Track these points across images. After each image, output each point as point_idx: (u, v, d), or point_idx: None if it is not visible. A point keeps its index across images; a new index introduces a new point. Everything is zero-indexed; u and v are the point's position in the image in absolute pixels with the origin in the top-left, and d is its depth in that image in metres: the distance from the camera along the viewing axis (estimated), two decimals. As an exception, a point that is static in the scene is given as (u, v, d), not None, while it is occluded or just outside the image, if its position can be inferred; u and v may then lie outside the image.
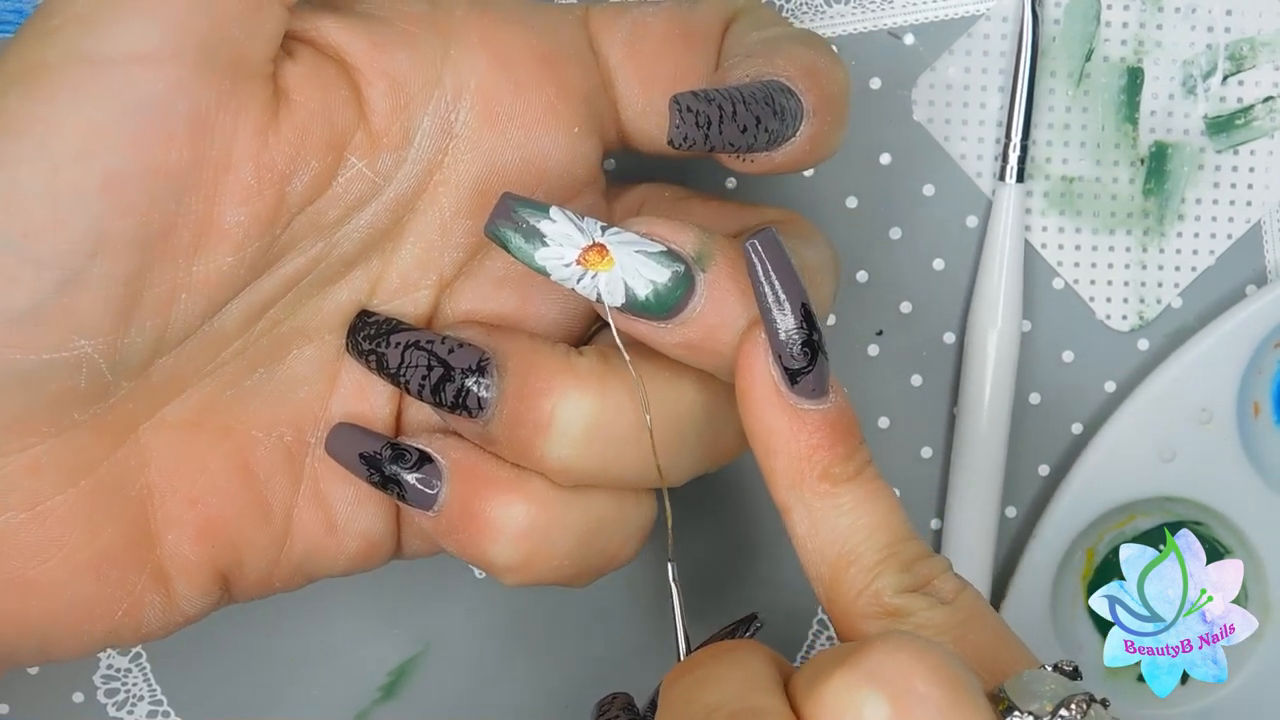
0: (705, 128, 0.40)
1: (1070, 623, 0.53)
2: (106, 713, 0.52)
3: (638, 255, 0.41)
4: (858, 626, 0.40)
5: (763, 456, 0.41)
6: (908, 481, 0.53)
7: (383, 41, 0.42)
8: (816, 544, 0.41)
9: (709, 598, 0.53)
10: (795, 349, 0.40)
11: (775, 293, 0.40)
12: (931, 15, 0.51)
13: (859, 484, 0.40)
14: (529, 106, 0.43)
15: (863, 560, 0.40)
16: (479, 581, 0.52)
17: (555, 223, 0.41)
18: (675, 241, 0.41)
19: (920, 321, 0.52)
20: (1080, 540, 0.52)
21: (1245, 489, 0.52)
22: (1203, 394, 0.51)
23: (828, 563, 0.40)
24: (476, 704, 0.53)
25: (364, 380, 0.44)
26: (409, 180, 0.42)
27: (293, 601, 0.52)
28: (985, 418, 0.51)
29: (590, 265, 0.41)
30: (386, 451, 0.43)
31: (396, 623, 0.52)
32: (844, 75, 0.43)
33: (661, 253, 0.41)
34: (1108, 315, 0.52)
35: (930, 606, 0.40)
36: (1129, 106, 0.52)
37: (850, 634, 0.40)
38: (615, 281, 0.41)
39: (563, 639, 0.53)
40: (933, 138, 0.51)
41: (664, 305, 0.41)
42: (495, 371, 0.42)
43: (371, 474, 0.43)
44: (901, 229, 0.52)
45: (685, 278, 0.41)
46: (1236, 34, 0.51)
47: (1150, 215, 0.52)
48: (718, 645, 0.41)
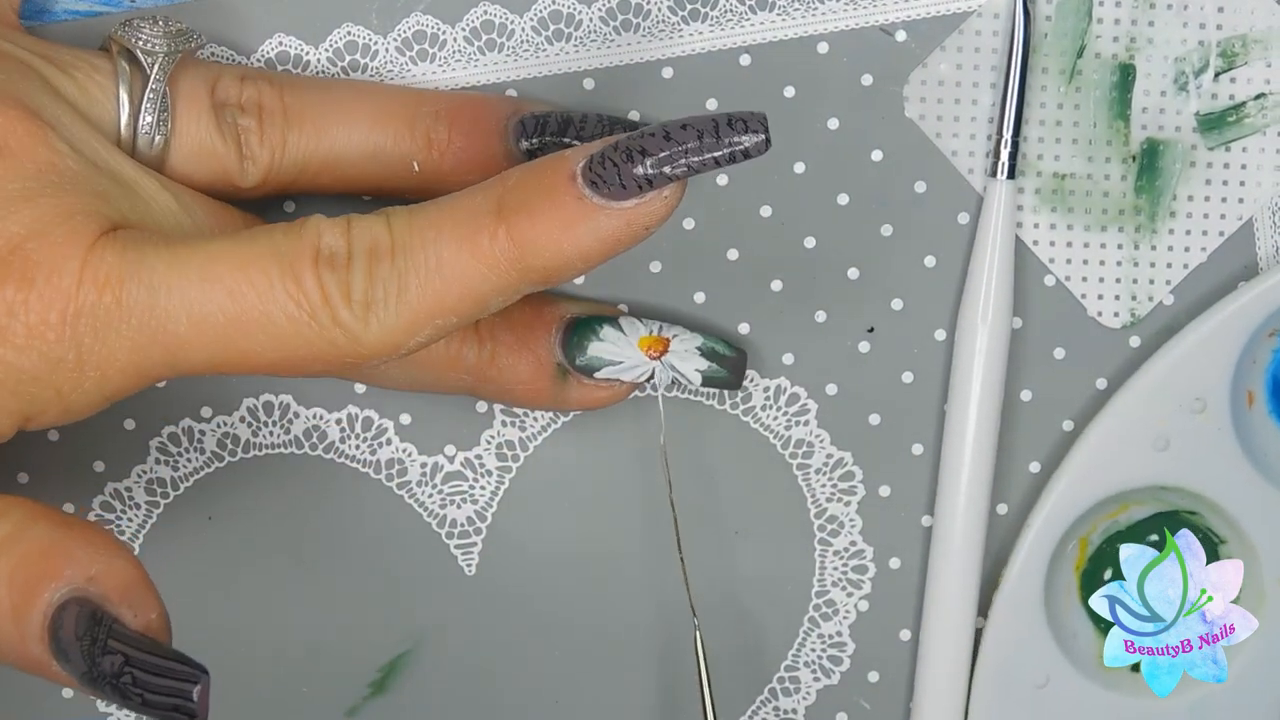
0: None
1: (1064, 612, 0.53)
2: (96, 707, 0.52)
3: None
4: None
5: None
6: (899, 478, 0.53)
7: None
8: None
9: (701, 589, 0.53)
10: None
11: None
12: (923, 11, 0.51)
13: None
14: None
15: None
16: (470, 577, 0.52)
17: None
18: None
19: (912, 318, 0.52)
20: (1074, 530, 0.52)
21: (1239, 478, 0.52)
22: (1196, 383, 0.51)
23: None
24: (467, 699, 0.53)
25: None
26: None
27: (284, 597, 0.52)
28: (974, 414, 0.51)
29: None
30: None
31: (387, 619, 0.52)
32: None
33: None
34: (1099, 312, 0.52)
35: None
36: (1120, 103, 0.51)
37: None
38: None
39: (554, 634, 0.53)
40: (924, 134, 0.51)
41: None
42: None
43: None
44: (893, 226, 0.52)
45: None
46: (1228, 31, 0.51)
47: (1142, 212, 0.52)
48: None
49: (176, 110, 0.46)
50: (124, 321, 0.41)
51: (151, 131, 0.45)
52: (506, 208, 0.42)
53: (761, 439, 0.52)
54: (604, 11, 0.51)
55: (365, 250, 0.41)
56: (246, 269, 0.41)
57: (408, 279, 0.41)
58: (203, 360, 0.42)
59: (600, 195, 0.41)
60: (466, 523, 0.52)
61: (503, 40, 0.50)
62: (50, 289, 0.41)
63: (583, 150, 0.42)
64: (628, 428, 0.52)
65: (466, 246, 0.41)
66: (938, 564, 0.52)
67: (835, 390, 0.52)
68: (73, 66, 0.45)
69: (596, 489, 0.52)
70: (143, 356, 0.41)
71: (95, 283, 0.41)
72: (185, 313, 0.41)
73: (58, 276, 0.41)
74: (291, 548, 0.52)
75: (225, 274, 0.41)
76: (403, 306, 0.41)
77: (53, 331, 0.41)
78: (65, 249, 0.41)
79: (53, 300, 0.41)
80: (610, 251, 0.42)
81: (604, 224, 0.41)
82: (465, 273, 0.41)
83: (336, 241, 0.42)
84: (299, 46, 0.50)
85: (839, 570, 0.53)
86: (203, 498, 0.52)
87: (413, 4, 0.50)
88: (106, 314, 0.41)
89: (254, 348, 0.42)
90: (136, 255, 0.41)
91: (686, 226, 0.51)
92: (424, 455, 0.52)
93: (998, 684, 0.52)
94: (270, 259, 0.41)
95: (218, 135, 0.46)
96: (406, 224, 0.42)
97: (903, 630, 0.53)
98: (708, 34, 0.51)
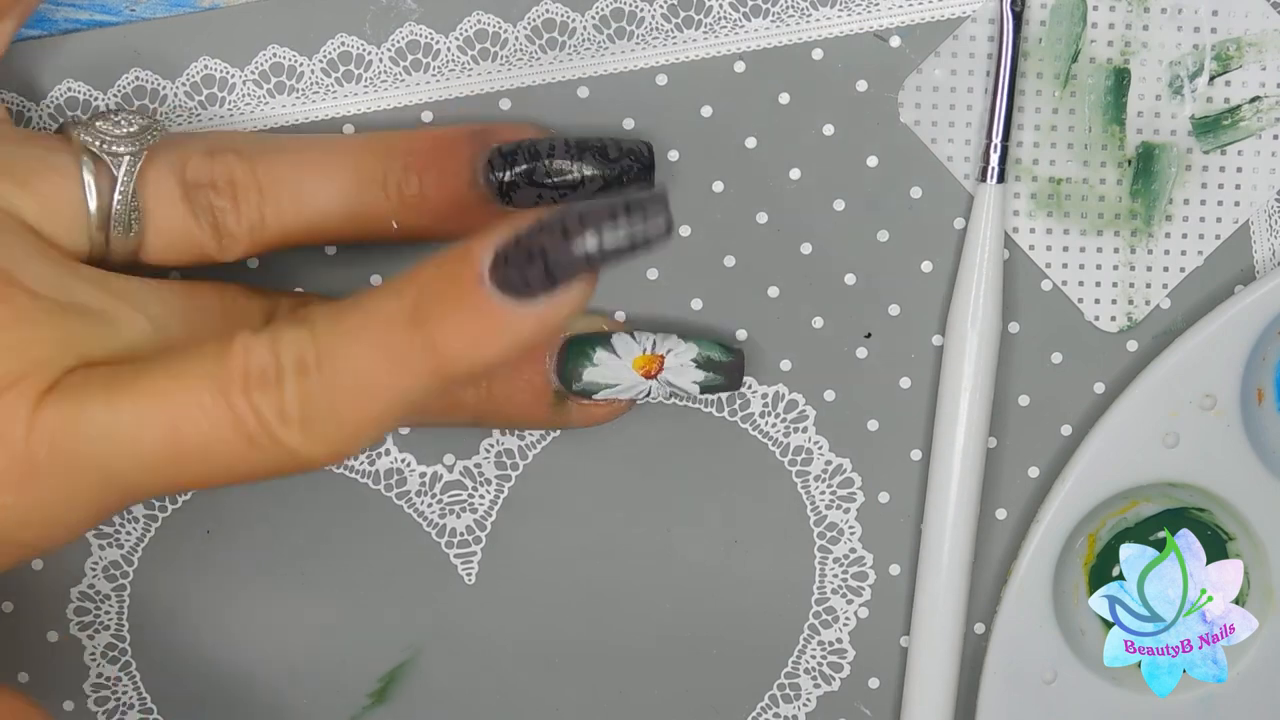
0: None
1: (1072, 608, 0.53)
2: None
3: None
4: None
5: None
6: (898, 484, 0.53)
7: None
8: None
9: (701, 597, 0.53)
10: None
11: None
12: (918, 17, 0.51)
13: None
14: None
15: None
16: (469, 587, 0.52)
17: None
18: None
19: (908, 324, 0.52)
20: (1083, 525, 0.52)
21: (1248, 475, 0.52)
22: (1206, 380, 0.51)
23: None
24: (467, 709, 0.53)
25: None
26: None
27: (283, 608, 0.52)
28: (964, 419, 0.51)
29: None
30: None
31: (387, 629, 0.52)
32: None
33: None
34: (1096, 316, 0.52)
35: None
36: (1116, 108, 0.51)
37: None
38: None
39: (554, 643, 0.53)
40: (920, 140, 0.51)
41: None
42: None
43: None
44: (889, 231, 0.52)
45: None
46: (1223, 34, 0.51)
47: (1138, 216, 0.52)
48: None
49: (146, 205, 0.45)
50: (75, 471, 0.42)
51: (124, 231, 0.45)
52: (420, 314, 0.40)
53: (760, 445, 0.52)
54: (597, 19, 0.51)
55: (293, 366, 0.41)
56: (180, 404, 0.41)
57: (336, 393, 0.41)
58: (157, 489, 0.42)
59: (510, 298, 0.40)
60: (466, 532, 0.52)
61: (496, 49, 0.50)
62: (2, 451, 0.41)
63: (485, 244, 0.40)
64: (627, 436, 0.52)
65: (386, 357, 0.41)
66: (927, 570, 0.52)
67: (833, 396, 0.52)
68: (34, 175, 0.45)
69: (596, 497, 0.52)
70: (101, 495, 0.42)
71: (43, 441, 0.41)
72: (129, 453, 0.41)
73: (7, 439, 0.41)
74: (291, 559, 0.52)
75: (161, 411, 0.41)
76: (337, 420, 0.41)
77: (10, 492, 0.42)
78: (12, 413, 0.41)
79: (9, 465, 0.41)
80: (528, 348, 0.41)
81: (517, 326, 0.40)
82: (389, 384, 0.41)
83: (264, 359, 0.41)
84: (293, 58, 0.50)
85: (839, 577, 0.53)
86: (201, 511, 0.52)
87: (406, 14, 0.50)
88: (58, 468, 0.41)
89: (202, 472, 0.42)
90: (75, 409, 0.41)
91: (683, 234, 0.51)
92: (423, 465, 0.52)
93: (1006, 679, 0.52)
94: (202, 387, 0.41)
95: (192, 220, 0.46)
96: (329, 332, 0.41)
97: (903, 637, 0.53)
98: (702, 41, 0.51)
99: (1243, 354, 0.51)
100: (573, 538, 0.52)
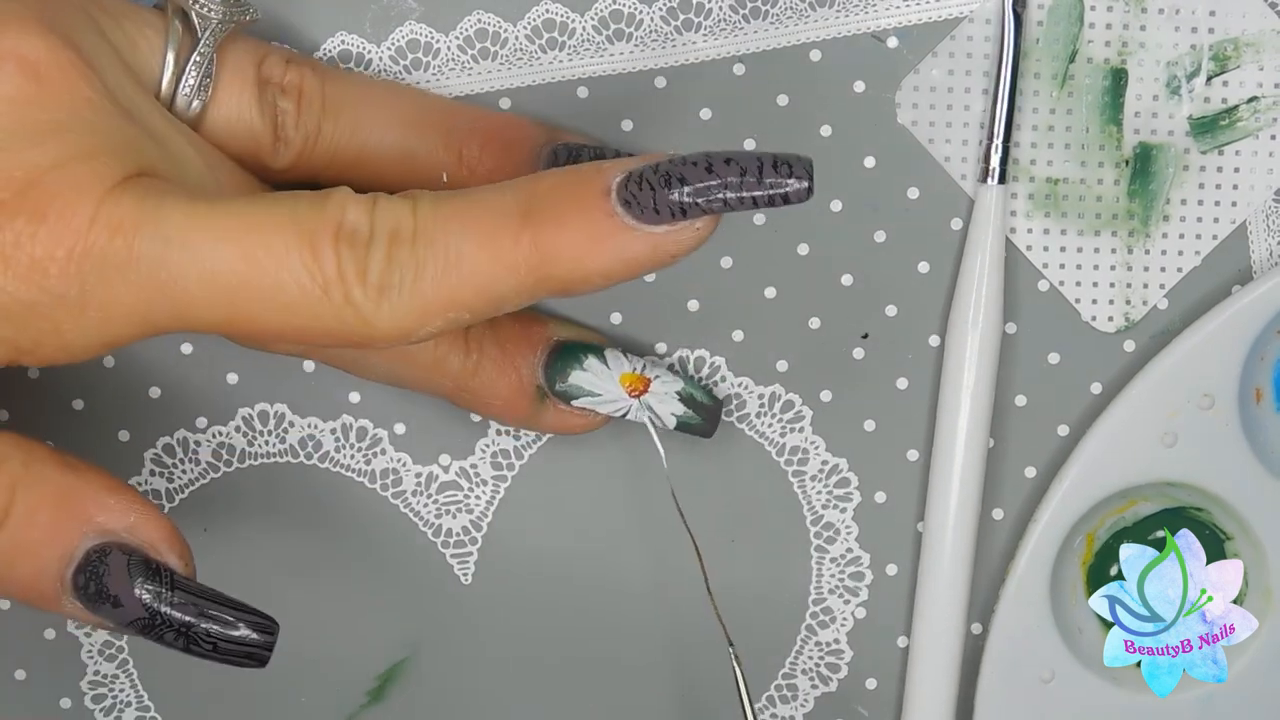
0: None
1: (1070, 607, 0.53)
2: (94, 718, 0.52)
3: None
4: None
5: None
6: (895, 484, 0.53)
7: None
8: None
9: (696, 597, 0.53)
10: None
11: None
12: (915, 18, 0.51)
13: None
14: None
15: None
16: (466, 586, 0.52)
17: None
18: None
19: (906, 325, 0.52)
20: (1081, 525, 0.52)
21: (1246, 475, 0.52)
22: (1204, 379, 0.51)
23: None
24: (464, 709, 0.53)
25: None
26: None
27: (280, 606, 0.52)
28: (965, 419, 0.51)
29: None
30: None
31: (383, 628, 0.52)
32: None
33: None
34: (1093, 317, 0.52)
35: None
36: (1113, 108, 0.52)
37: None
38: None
39: (550, 643, 0.53)
40: (917, 141, 0.51)
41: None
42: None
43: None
44: (886, 232, 0.52)
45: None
46: (1220, 34, 0.51)
47: (1135, 216, 0.52)
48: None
49: (220, 79, 0.46)
50: (132, 268, 0.40)
51: (191, 95, 0.45)
52: (535, 213, 0.41)
53: (756, 446, 0.52)
54: (597, 21, 0.51)
55: (387, 232, 0.41)
56: (264, 233, 0.40)
57: (425, 268, 0.41)
58: (209, 320, 0.41)
59: (632, 216, 0.41)
60: (462, 532, 0.52)
61: (496, 49, 0.51)
62: (61, 226, 0.40)
63: (620, 165, 0.41)
64: (624, 437, 0.52)
65: (489, 246, 0.41)
66: (928, 570, 0.52)
67: (830, 397, 0.52)
68: (124, 17, 0.45)
69: (592, 497, 0.52)
70: (148, 306, 0.41)
71: (108, 226, 0.40)
72: (196, 269, 0.40)
73: (71, 214, 0.40)
74: (287, 558, 0.52)
75: (241, 235, 0.40)
76: (416, 295, 0.41)
77: (57, 266, 0.40)
78: (83, 187, 0.40)
79: (62, 237, 0.40)
80: (632, 273, 0.41)
81: (631, 246, 0.41)
82: (483, 271, 0.41)
83: (360, 219, 0.41)
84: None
85: (836, 577, 0.53)
86: (198, 510, 0.52)
87: (406, 13, 0.50)
88: (115, 258, 0.40)
89: (263, 314, 0.41)
90: (154, 204, 0.41)
91: (680, 234, 0.51)
92: (419, 465, 0.52)
93: (1004, 678, 0.52)
94: (290, 227, 0.41)
95: (256, 111, 0.46)
96: (432, 211, 0.41)
97: (900, 637, 0.53)
98: (701, 43, 0.51)
99: (1241, 354, 0.51)
100: (569, 538, 0.52)
